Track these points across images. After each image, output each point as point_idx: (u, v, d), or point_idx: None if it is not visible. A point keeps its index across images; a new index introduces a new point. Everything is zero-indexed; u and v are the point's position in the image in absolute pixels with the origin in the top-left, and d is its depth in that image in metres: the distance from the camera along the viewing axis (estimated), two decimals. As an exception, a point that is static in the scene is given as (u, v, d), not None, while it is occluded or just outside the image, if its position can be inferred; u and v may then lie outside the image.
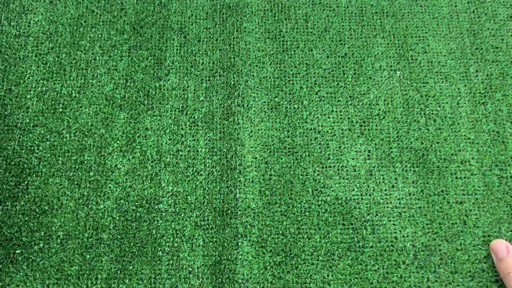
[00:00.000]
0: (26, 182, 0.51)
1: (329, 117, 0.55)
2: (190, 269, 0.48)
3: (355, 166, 0.52)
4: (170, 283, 0.48)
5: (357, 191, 0.51)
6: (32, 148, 0.53)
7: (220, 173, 0.52)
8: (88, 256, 0.48)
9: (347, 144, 0.53)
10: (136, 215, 0.50)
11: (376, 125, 0.54)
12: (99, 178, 0.51)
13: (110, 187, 0.51)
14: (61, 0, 0.60)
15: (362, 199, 0.51)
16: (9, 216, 0.50)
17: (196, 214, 0.50)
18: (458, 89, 0.56)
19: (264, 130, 0.54)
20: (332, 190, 0.51)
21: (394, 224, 0.50)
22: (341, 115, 0.55)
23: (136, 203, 0.51)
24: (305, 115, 0.55)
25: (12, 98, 0.55)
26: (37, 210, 0.50)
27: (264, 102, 0.55)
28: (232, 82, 0.56)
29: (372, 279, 0.48)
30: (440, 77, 0.56)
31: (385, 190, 0.51)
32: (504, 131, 0.54)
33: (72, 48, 0.57)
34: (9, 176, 0.51)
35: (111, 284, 0.48)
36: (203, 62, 0.57)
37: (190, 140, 0.53)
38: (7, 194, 0.51)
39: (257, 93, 0.56)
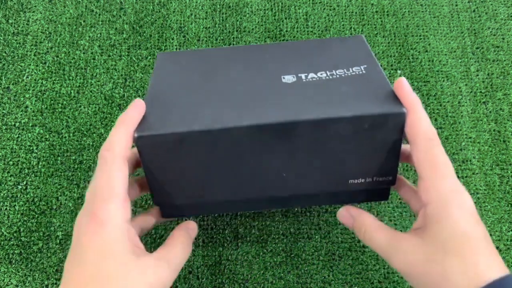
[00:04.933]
0: (25, 182, 0.51)
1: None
2: (190, 269, 0.48)
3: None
4: (169, 283, 0.47)
5: (357, 191, 0.51)
6: (31, 147, 0.52)
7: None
8: (87, 256, 0.48)
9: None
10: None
11: (377, 124, 0.54)
12: (98, 178, 0.51)
13: (109, 186, 0.51)
14: (60, -1, 0.60)
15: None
16: (8, 216, 0.50)
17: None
18: (459, 88, 0.56)
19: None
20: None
21: (395, 224, 0.49)
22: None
23: (135, 203, 0.50)
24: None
25: (10, 96, 0.54)
26: (36, 210, 0.50)
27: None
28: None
29: (373, 279, 0.47)
30: (441, 76, 0.56)
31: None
32: (505, 130, 0.54)
33: (71, 47, 0.57)
34: (8, 175, 0.51)
35: (110, 284, 0.47)
36: (202, 62, 0.57)
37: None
38: (5, 194, 0.50)
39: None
